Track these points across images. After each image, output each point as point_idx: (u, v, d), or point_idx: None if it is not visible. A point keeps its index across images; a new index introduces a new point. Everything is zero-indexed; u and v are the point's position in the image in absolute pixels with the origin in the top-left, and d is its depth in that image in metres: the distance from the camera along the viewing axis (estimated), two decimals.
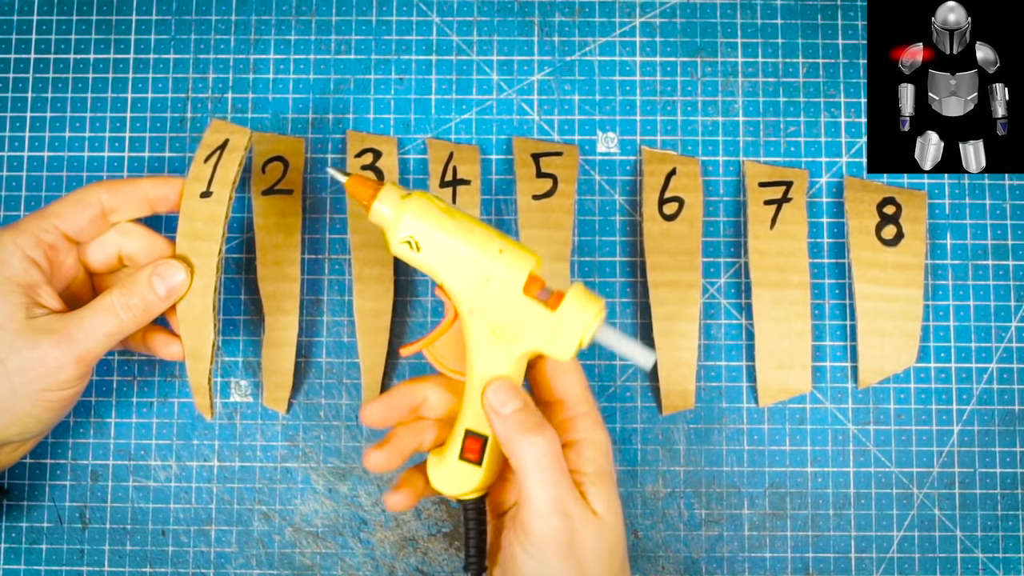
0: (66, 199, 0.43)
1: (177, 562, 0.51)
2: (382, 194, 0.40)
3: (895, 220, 0.52)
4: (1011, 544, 0.51)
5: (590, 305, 0.39)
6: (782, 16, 0.54)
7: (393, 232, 0.40)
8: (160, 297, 0.43)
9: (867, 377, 0.51)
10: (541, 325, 0.39)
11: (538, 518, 0.37)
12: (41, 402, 0.42)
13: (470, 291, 0.39)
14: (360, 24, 0.54)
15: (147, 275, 0.43)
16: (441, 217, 0.39)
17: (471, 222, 0.40)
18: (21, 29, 0.54)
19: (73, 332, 0.41)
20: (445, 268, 0.40)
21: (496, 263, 0.39)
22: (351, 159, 0.52)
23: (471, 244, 0.39)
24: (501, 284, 0.39)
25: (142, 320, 0.43)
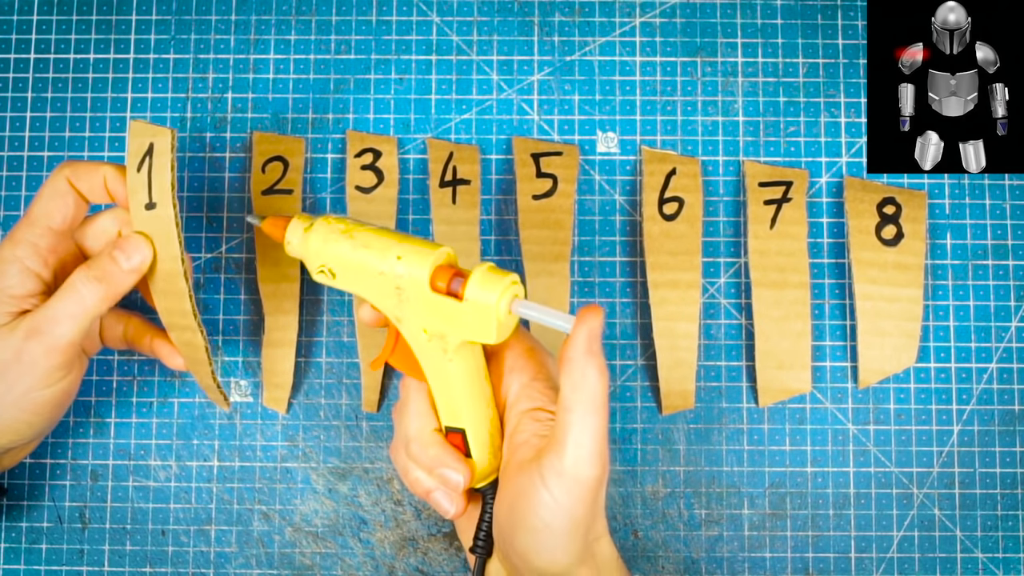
0: (42, 196, 0.42)
1: (177, 562, 0.51)
2: (289, 229, 0.41)
3: (895, 220, 0.52)
4: (1011, 544, 0.51)
5: (496, 283, 0.38)
6: (782, 16, 0.54)
7: (309, 263, 0.40)
8: (124, 270, 0.41)
9: (867, 377, 0.51)
10: (458, 317, 0.38)
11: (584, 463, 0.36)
12: (29, 405, 0.41)
13: (388, 302, 0.39)
14: (360, 24, 0.54)
15: (108, 249, 0.42)
16: (340, 240, 0.39)
17: (373, 234, 0.39)
18: (21, 29, 0.54)
19: (40, 323, 0.40)
20: (360, 287, 0.40)
21: (397, 269, 0.38)
22: (351, 159, 0.52)
23: (372, 257, 0.39)
24: (410, 288, 0.39)
25: (109, 296, 0.41)
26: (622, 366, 0.52)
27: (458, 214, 0.52)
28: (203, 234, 0.53)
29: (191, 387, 0.52)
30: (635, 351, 0.52)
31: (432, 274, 0.38)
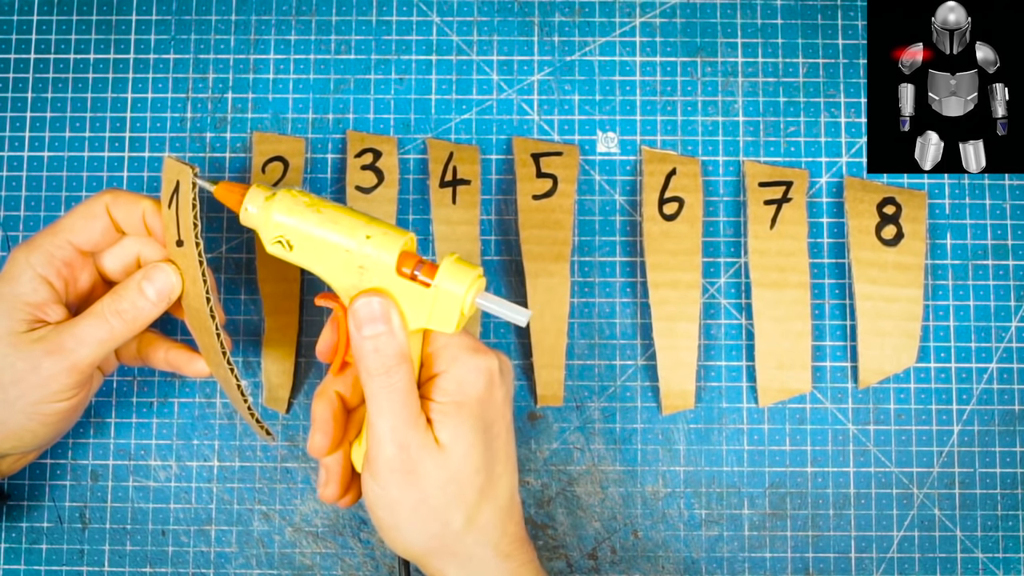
0: (76, 211, 0.42)
1: (177, 562, 0.51)
2: (248, 196, 0.40)
3: (895, 220, 0.52)
4: (1011, 544, 0.51)
5: (464, 275, 0.38)
6: (782, 16, 0.54)
7: (264, 232, 0.40)
8: (151, 301, 0.41)
9: (867, 377, 0.51)
10: (420, 302, 0.39)
11: (375, 444, 0.38)
12: (37, 415, 0.41)
13: (347, 281, 0.39)
14: (360, 24, 0.54)
15: (137, 280, 0.42)
16: (307, 212, 0.39)
17: (339, 211, 0.39)
18: (21, 29, 0.54)
19: (65, 341, 0.40)
20: (319, 263, 0.39)
21: (365, 249, 0.38)
22: (351, 159, 0.52)
23: (339, 234, 0.39)
24: (374, 269, 0.39)
25: (134, 326, 0.41)
26: (622, 366, 0.52)
27: (458, 214, 0.52)
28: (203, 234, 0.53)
29: (191, 387, 0.52)
30: (635, 351, 0.52)
31: (399, 258, 0.38)
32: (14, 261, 0.41)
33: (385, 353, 0.38)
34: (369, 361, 0.38)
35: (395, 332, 0.38)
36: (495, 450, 0.41)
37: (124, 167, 0.53)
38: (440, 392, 0.39)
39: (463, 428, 0.39)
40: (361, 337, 0.38)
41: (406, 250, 0.39)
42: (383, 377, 0.38)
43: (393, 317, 0.38)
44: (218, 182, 0.41)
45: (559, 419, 0.52)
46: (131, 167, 0.53)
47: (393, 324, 0.38)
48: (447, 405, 0.39)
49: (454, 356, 0.40)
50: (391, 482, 0.39)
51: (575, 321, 0.52)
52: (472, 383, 0.39)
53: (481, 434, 0.40)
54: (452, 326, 0.39)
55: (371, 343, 0.38)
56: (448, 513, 0.39)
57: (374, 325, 0.38)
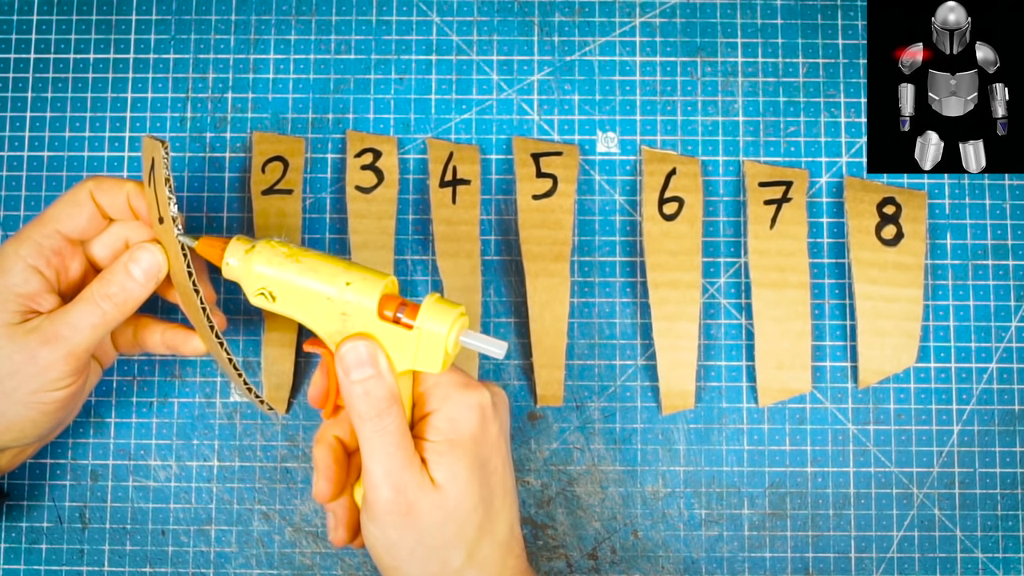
0: (60, 200, 0.43)
1: (177, 562, 0.51)
2: (229, 250, 0.40)
3: (895, 220, 0.52)
4: (1011, 544, 0.51)
5: (446, 315, 0.38)
6: (782, 16, 0.54)
7: (247, 285, 0.40)
8: (139, 282, 0.42)
9: (867, 377, 0.51)
10: (405, 345, 0.39)
11: (371, 488, 0.38)
12: (36, 405, 0.41)
13: (331, 328, 0.39)
14: (360, 24, 0.54)
15: (123, 262, 0.42)
16: (286, 262, 0.39)
17: (318, 259, 0.40)
18: (21, 29, 0.54)
19: (59, 329, 0.40)
20: (302, 312, 0.40)
21: (346, 295, 0.39)
22: (351, 159, 0.52)
23: (319, 282, 0.39)
24: (357, 315, 0.39)
25: (125, 308, 0.42)
26: (622, 366, 0.52)
27: (458, 214, 0.52)
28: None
29: (191, 387, 0.52)
30: (635, 351, 0.52)
31: (380, 302, 0.39)
32: (3, 254, 0.42)
33: (375, 396, 0.38)
34: (360, 405, 0.38)
35: (383, 375, 0.39)
36: (492, 485, 0.40)
37: (124, 167, 0.53)
38: (433, 431, 0.39)
39: (458, 467, 0.39)
40: (350, 382, 0.39)
41: (387, 293, 0.39)
42: (375, 420, 0.38)
43: (380, 360, 0.39)
44: (199, 237, 0.41)
45: (559, 419, 0.52)
46: (131, 167, 0.53)
47: (381, 367, 0.39)
48: (441, 444, 0.39)
49: (445, 394, 0.40)
50: (389, 524, 0.39)
51: (575, 321, 0.52)
52: (465, 420, 0.39)
53: (477, 471, 0.39)
54: (438, 366, 0.39)
55: (360, 387, 0.38)
56: (447, 552, 0.39)
57: (362, 369, 0.38)
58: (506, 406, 0.42)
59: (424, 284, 0.52)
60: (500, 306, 0.52)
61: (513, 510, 0.42)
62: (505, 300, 0.52)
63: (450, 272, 0.51)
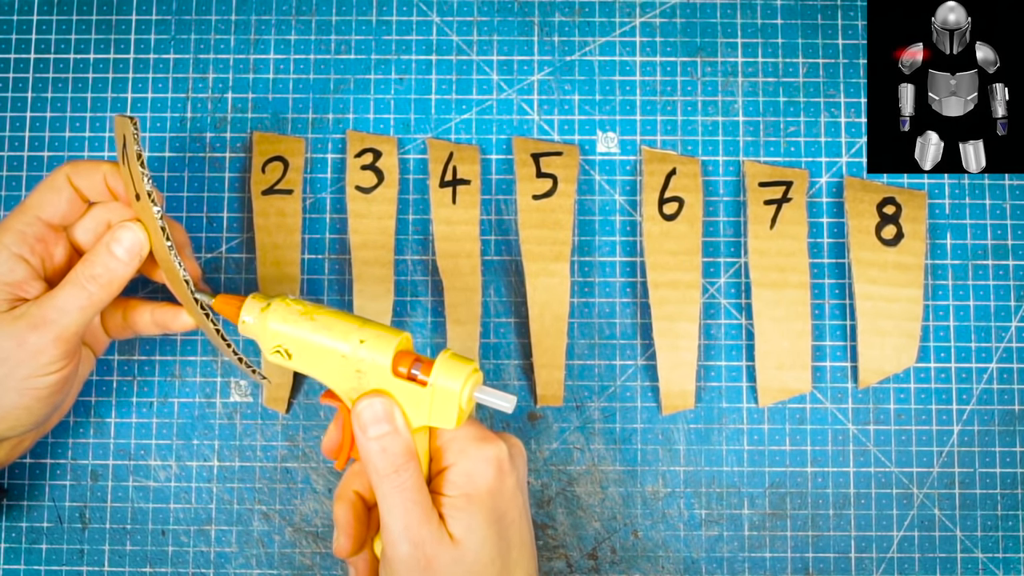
0: (38, 188, 0.43)
1: (177, 562, 0.51)
2: (245, 308, 0.41)
3: (895, 220, 0.52)
4: (1011, 544, 0.51)
5: (459, 371, 0.39)
6: (782, 16, 0.54)
7: (263, 343, 0.41)
8: (122, 261, 0.42)
9: (867, 377, 0.51)
10: (420, 401, 0.39)
11: (389, 544, 0.38)
12: (29, 391, 0.41)
13: (347, 385, 0.40)
14: (360, 24, 0.54)
15: (105, 242, 0.42)
16: (301, 320, 0.40)
17: (333, 317, 0.40)
18: (21, 29, 0.54)
19: (47, 314, 0.41)
20: (317, 369, 0.40)
21: (360, 353, 0.39)
22: (351, 159, 0.52)
23: (334, 340, 0.39)
24: (371, 372, 0.39)
25: (111, 288, 0.42)
26: (622, 366, 0.52)
27: (458, 214, 0.52)
28: (203, 234, 0.53)
29: (191, 387, 0.52)
30: (635, 351, 0.52)
31: (394, 359, 0.39)
32: None
33: (392, 452, 0.39)
34: (377, 462, 0.39)
35: (400, 431, 0.39)
36: (509, 538, 0.40)
37: None
38: (450, 486, 0.39)
39: (476, 520, 0.39)
40: (367, 439, 0.39)
41: (401, 350, 0.40)
42: (393, 476, 0.38)
43: (396, 416, 0.39)
44: (216, 295, 0.42)
45: (559, 419, 0.52)
46: None
47: (397, 423, 0.39)
48: (458, 499, 0.39)
49: (461, 448, 0.40)
50: None
51: (575, 321, 0.52)
52: (482, 474, 0.39)
53: (494, 524, 0.39)
54: (452, 422, 0.39)
55: (377, 444, 0.39)
56: None
57: (379, 426, 0.39)
58: (523, 458, 0.42)
59: (424, 284, 0.52)
60: (500, 306, 0.52)
61: (531, 562, 0.42)
62: (505, 300, 0.52)
63: (450, 272, 0.51)
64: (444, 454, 0.41)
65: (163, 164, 0.53)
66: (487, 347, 0.52)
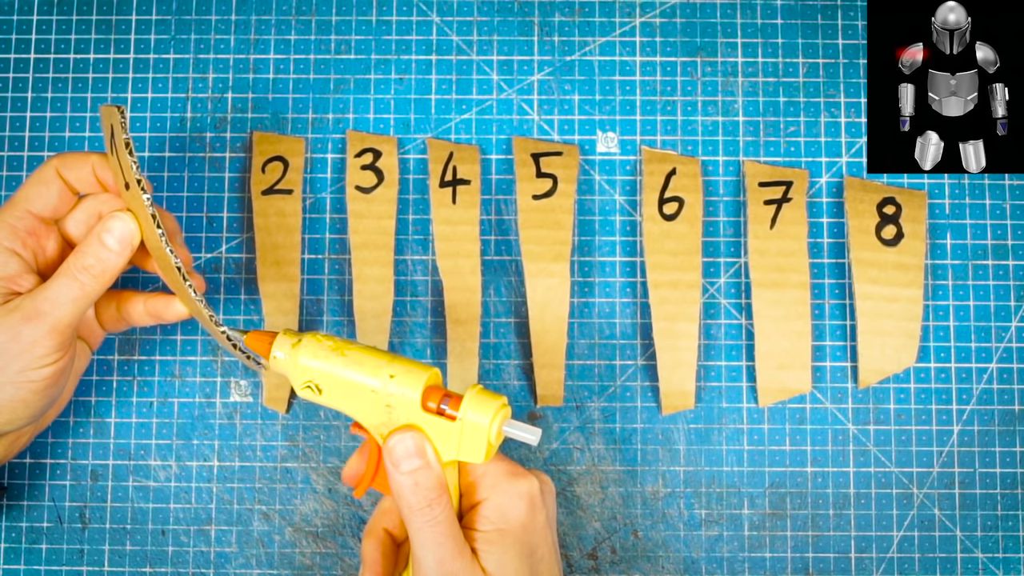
0: (28, 181, 0.43)
1: (177, 562, 0.51)
2: (276, 344, 0.41)
3: (895, 220, 0.52)
4: (1011, 544, 0.51)
5: (488, 406, 0.39)
6: (782, 16, 0.54)
7: (294, 378, 0.41)
8: (114, 251, 0.42)
9: (867, 377, 0.51)
10: (449, 435, 0.39)
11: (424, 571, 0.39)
12: (25, 384, 0.41)
13: (377, 420, 0.40)
14: (360, 24, 0.54)
15: (96, 233, 0.42)
16: (331, 356, 0.40)
17: (363, 352, 0.40)
18: (21, 29, 0.54)
19: (40, 306, 0.41)
20: (348, 404, 0.40)
21: (390, 387, 0.39)
22: (351, 159, 0.52)
23: (364, 375, 0.40)
24: (401, 407, 0.40)
25: (103, 279, 0.42)
26: (622, 366, 0.52)
27: (458, 214, 0.52)
28: (203, 234, 0.53)
29: (191, 387, 0.52)
30: (635, 351, 0.52)
31: (424, 394, 0.39)
32: None
33: (425, 487, 0.39)
34: (410, 496, 0.39)
35: (432, 465, 0.39)
36: (539, 573, 0.41)
37: None
38: (483, 521, 0.40)
39: (508, 555, 0.39)
40: (400, 474, 0.39)
41: (431, 385, 0.40)
42: (425, 511, 0.39)
43: (428, 451, 0.39)
44: (248, 331, 0.42)
45: (559, 419, 0.52)
46: None
47: (428, 458, 0.39)
48: (491, 533, 0.39)
49: (494, 483, 0.40)
50: None
51: (575, 321, 0.52)
52: (514, 509, 0.40)
53: (526, 559, 0.40)
54: (481, 456, 0.39)
55: (410, 478, 0.39)
56: None
57: (411, 461, 0.39)
58: (552, 494, 0.43)
59: (424, 284, 0.52)
60: (500, 306, 0.52)
61: None
62: (505, 300, 0.52)
63: (450, 272, 0.51)
64: (477, 489, 0.41)
65: (163, 164, 0.53)
66: (487, 347, 0.52)
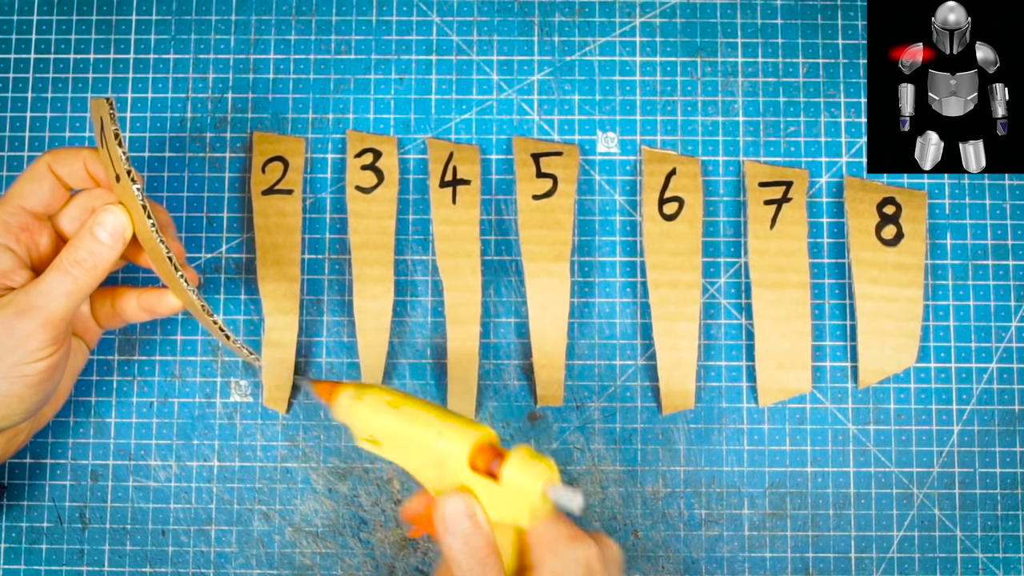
0: (21, 178, 0.43)
1: (177, 562, 0.51)
2: (339, 397, 0.42)
3: (895, 220, 0.52)
4: (1011, 544, 0.51)
5: (531, 469, 0.39)
6: (782, 16, 0.54)
7: (354, 431, 0.42)
8: (106, 244, 0.42)
9: (867, 377, 0.51)
10: (495, 497, 0.39)
11: None
12: (19, 379, 0.41)
13: (430, 474, 0.40)
14: (360, 24, 0.54)
15: (88, 227, 0.42)
16: (387, 412, 0.41)
17: (416, 408, 0.41)
18: (21, 29, 0.54)
19: (33, 300, 0.41)
20: (405, 459, 0.41)
21: (439, 446, 0.40)
22: (351, 159, 0.52)
23: (417, 432, 0.40)
24: (451, 464, 0.40)
25: (96, 272, 0.42)
26: (622, 366, 0.52)
27: (458, 214, 0.52)
28: (203, 234, 0.53)
29: (191, 387, 0.52)
30: (635, 351, 0.52)
31: (472, 453, 0.39)
32: None
33: (475, 546, 0.39)
34: (461, 558, 0.38)
35: (481, 526, 0.39)
36: None
37: None
38: None
39: None
40: (450, 536, 0.39)
41: (482, 444, 0.40)
42: (477, 571, 0.38)
43: (477, 512, 0.39)
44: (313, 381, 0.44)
45: (559, 419, 0.52)
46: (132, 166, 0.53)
47: (478, 519, 0.39)
48: None
49: (551, 547, 0.40)
50: None
51: (575, 321, 0.52)
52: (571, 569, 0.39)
53: None
54: (526, 519, 0.39)
55: (460, 540, 0.39)
56: None
57: (461, 522, 0.39)
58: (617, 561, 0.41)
59: (424, 284, 0.52)
60: (500, 306, 0.52)
61: None
62: (505, 300, 0.52)
63: (450, 272, 0.51)
64: (533, 551, 0.40)
65: (163, 164, 0.53)
66: (487, 347, 0.52)
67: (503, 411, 0.52)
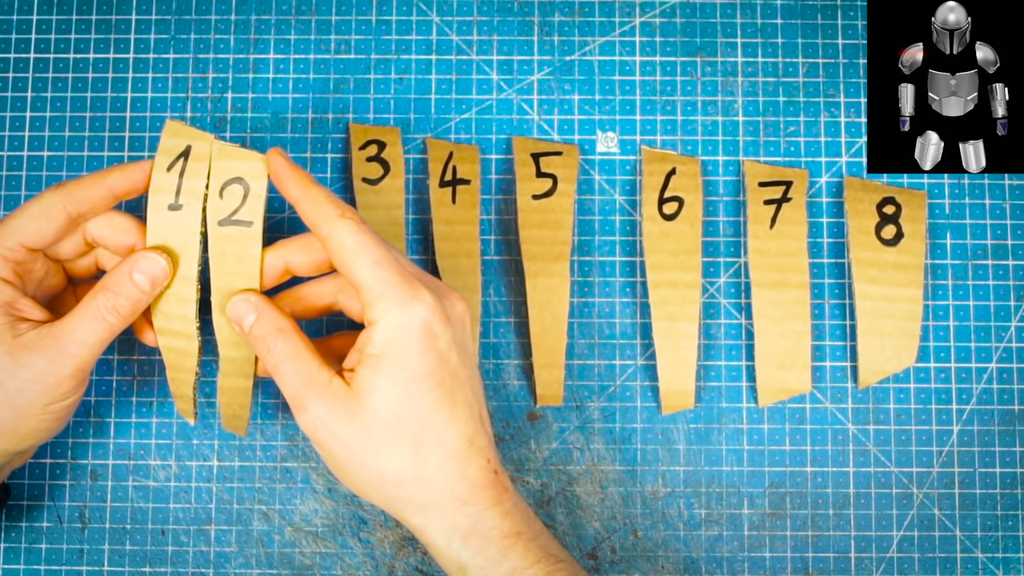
0: (27, 212, 0.42)
1: (177, 562, 0.51)
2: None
3: (895, 220, 0.52)
4: (1011, 544, 0.51)
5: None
6: (782, 16, 0.54)
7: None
8: (146, 292, 0.42)
9: (867, 377, 0.51)
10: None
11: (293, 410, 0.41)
12: (46, 415, 0.42)
13: None
14: (360, 24, 0.54)
15: (128, 272, 0.42)
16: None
17: None
18: (21, 29, 0.54)
19: (66, 346, 0.41)
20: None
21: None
22: (356, 151, 0.52)
23: None
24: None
25: (130, 318, 0.42)
26: (622, 366, 0.52)
27: (458, 214, 0.52)
28: None
29: None
30: (635, 351, 0.52)
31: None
32: None
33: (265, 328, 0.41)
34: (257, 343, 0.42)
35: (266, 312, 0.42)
36: (437, 397, 0.39)
37: None
38: (371, 344, 0.39)
39: (381, 378, 0.39)
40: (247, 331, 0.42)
41: None
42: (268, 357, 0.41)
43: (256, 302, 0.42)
44: None
45: (559, 419, 0.52)
46: None
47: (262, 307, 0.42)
48: (372, 357, 0.39)
49: (387, 308, 0.39)
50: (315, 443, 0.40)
51: (575, 321, 0.52)
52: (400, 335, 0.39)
53: (404, 384, 0.39)
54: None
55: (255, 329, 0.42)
56: (379, 463, 0.39)
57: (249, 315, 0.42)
58: (462, 316, 0.42)
59: None
60: (500, 306, 0.52)
61: (469, 423, 0.41)
62: (505, 300, 0.52)
63: (450, 272, 0.51)
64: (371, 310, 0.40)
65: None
66: (487, 347, 0.52)
67: (503, 411, 0.52)
